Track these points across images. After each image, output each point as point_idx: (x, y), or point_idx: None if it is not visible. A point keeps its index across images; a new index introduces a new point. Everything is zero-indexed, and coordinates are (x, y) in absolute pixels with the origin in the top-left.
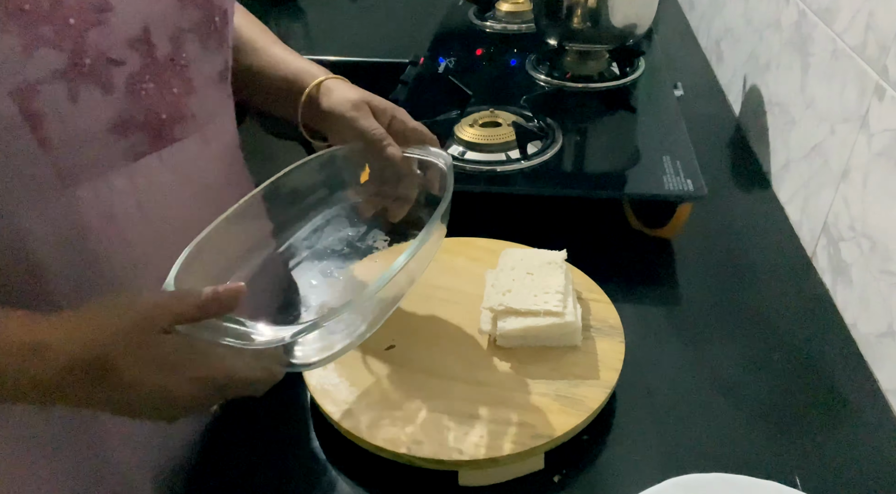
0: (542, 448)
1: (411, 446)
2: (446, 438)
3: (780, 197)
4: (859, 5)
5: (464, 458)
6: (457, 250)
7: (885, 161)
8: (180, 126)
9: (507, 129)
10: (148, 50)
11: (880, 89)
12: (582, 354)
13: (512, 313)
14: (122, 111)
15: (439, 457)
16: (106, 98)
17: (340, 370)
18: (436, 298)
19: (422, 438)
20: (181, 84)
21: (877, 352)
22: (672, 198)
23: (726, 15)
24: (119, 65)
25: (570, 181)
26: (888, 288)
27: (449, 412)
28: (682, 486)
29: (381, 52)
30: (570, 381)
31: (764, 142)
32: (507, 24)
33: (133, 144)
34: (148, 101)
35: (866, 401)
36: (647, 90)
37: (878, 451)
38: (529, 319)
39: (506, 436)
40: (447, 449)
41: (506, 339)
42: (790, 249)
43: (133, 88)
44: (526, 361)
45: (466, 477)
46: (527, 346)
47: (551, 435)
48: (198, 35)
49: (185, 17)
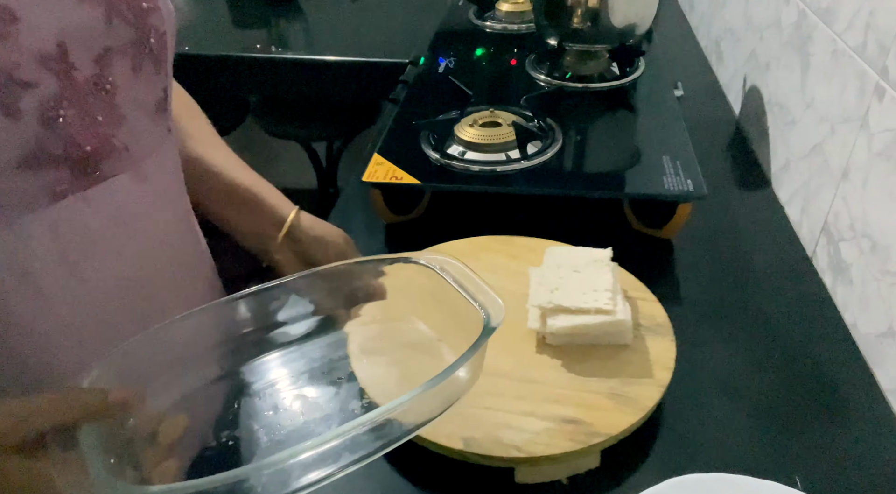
0: (599, 446)
1: (468, 441)
2: (502, 435)
3: (780, 197)
4: (859, 5)
5: (521, 455)
6: (496, 248)
7: (885, 161)
8: (109, 161)
9: (507, 129)
10: (65, 71)
11: (880, 89)
12: (632, 352)
13: (561, 310)
14: (33, 143)
15: (497, 454)
16: (13, 127)
17: (388, 364)
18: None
19: (476, 434)
20: (107, 113)
21: (877, 352)
22: (672, 198)
23: (726, 15)
24: (28, 87)
25: (570, 181)
26: (888, 288)
27: (502, 408)
28: (681, 486)
29: (381, 52)
30: (623, 379)
31: (764, 142)
32: (507, 24)
33: (49, 183)
34: (67, 131)
35: (866, 401)
36: (647, 90)
37: (878, 451)
38: (580, 317)
39: (563, 434)
40: (504, 446)
41: (555, 337)
42: (790, 249)
43: (47, 116)
44: (576, 359)
45: (523, 474)
46: (575, 344)
47: (609, 433)
48: (128, 57)
49: (113, 36)
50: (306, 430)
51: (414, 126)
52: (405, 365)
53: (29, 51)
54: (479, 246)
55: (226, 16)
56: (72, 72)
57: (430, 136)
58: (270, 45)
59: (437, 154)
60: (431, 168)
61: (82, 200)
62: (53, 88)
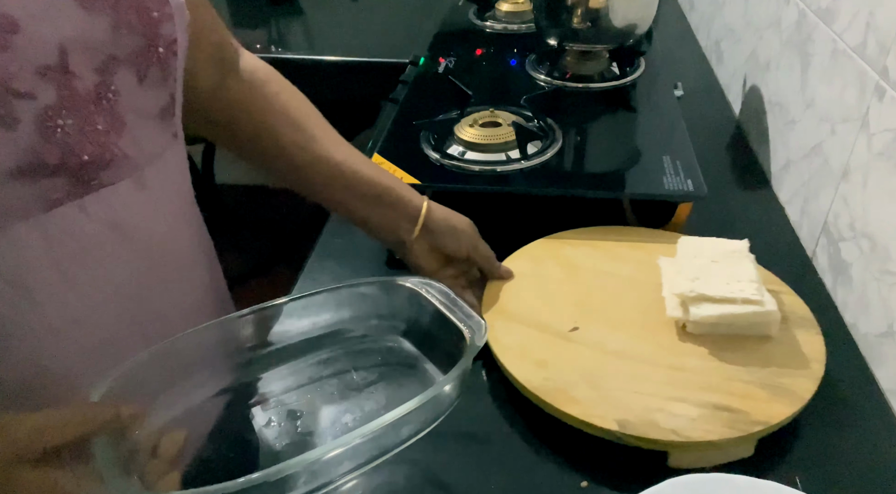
0: (757, 434)
1: (622, 423)
2: (656, 418)
3: (780, 197)
4: (859, 5)
5: (679, 439)
6: (617, 239)
7: (885, 161)
8: (108, 170)
9: (507, 129)
10: (66, 81)
11: (880, 89)
12: (778, 344)
13: (705, 299)
14: (29, 152)
15: (653, 437)
16: (8, 136)
17: (533, 351)
18: (608, 284)
19: (629, 417)
20: (109, 121)
21: (877, 352)
22: (672, 198)
23: (726, 15)
24: (26, 98)
25: (570, 181)
26: (888, 288)
27: (652, 393)
28: (682, 486)
29: (381, 52)
30: (773, 370)
31: (764, 142)
32: (507, 24)
33: (45, 191)
34: (65, 140)
35: (866, 401)
36: (647, 90)
37: (878, 451)
38: (726, 306)
39: (719, 421)
40: (661, 429)
41: (698, 325)
42: (790, 249)
43: (45, 126)
44: (721, 348)
45: (677, 459)
46: (718, 333)
47: (767, 422)
48: (134, 66)
49: (119, 45)
50: (302, 443)
51: (414, 126)
52: (393, 381)
53: (28, 61)
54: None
55: (226, 16)
56: (72, 81)
57: (430, 136)
58: (270, 45)
59: (437, 154)
60: (431, 168)
61: (77, 208)
62: (52, 97)
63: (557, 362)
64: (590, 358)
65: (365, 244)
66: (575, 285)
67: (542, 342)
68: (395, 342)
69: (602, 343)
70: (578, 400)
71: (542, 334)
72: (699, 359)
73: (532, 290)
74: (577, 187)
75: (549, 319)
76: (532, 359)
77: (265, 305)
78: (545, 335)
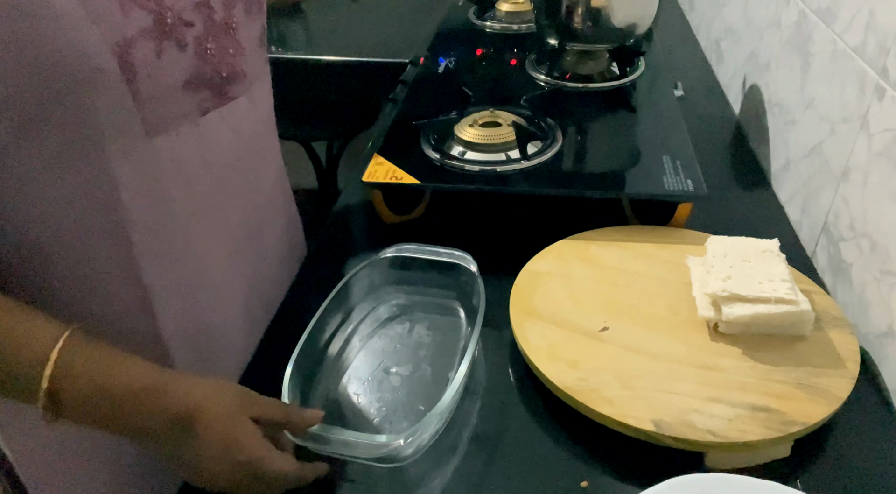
0: (794, 435)
1: (658, 424)
2: (692, 419)
3: (780, 197)
4: (859, 5)
5: (717, 440)
6: (642, 238)
7: (885, 161)
8: (235, 85)
9: (507, 129)
10: (208, 13)
11: (880, 89)
12: (812, 344)
13: (738, 299)
14: (193, 69)
15: (691, 438)
16: (181, 56)
17: (564, 351)
18: (637, 284)
19: (665, 417)
20: (234, 45)
21: (877, 352)
22: (672, 198)
23: (726, 15)
24: (189, 26)
25: (570, 181)
26: (888, 288)
27: (686, 393)
28: (682, 486)
29: (381, 52)
30: (809, 370)
31: (764, 142)
32: (507, 24)
33: (201, 101)
34: (212, 60)
35: (866, 401)
36: (647, 90)
37: (879, 451)
38: (759, 306)
39: (756, 421)
40: (697, 430)
41: (731, 325)
42: (790, 249)
43: (200, 48)
44: (754, 348)
45: (714, 460)
46: (750, 333)
47: (805, 423)
48: (243, 2)
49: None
50: (397, 403)
51: (414, 126)
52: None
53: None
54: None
55: None
56: (212, 14)
57: (430, 136)
58: (270, 45)
59: (437, 154)
60: (431, 168)
61: (218, 115)
62: (202, 26)
63: (589, 362)
64: (621, 358)
65: (364, 244)
66: (603, 284)
67: (573, 341)
68: (397, 298)
69: (633, 343)
70: (612, 401)
71: (571, 333)
72: (733, 359)
73: (560, 290)
74: (577, 187)
75: (578, 319)
76: (563, 359)
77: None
78: (575, 334)
